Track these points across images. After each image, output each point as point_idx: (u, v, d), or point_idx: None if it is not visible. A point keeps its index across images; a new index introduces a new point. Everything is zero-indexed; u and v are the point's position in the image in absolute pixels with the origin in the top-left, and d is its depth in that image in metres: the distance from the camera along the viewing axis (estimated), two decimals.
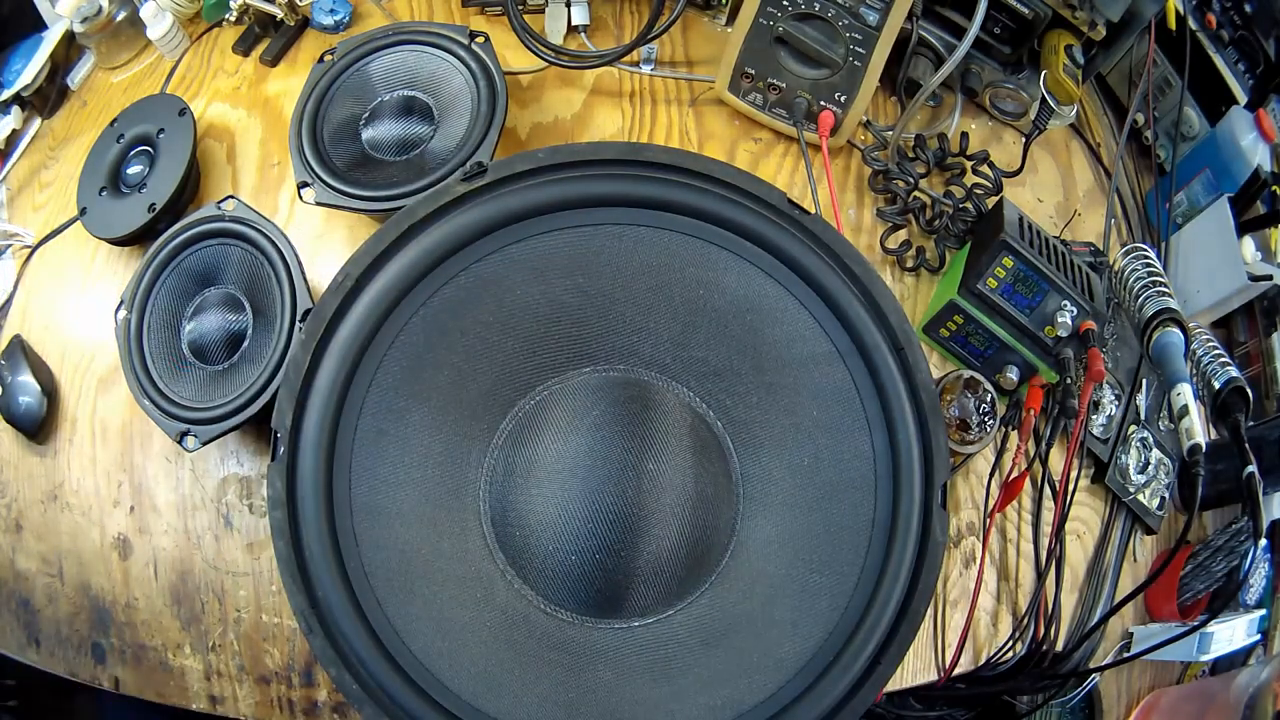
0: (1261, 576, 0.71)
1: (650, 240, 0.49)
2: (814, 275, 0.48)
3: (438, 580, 0.46)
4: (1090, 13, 0.69)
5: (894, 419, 0.48)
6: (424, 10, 0.77)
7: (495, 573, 0.49)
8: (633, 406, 0.51)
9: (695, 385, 0.52)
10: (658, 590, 0.49)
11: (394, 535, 0.46)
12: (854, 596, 0.46)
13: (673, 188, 0.48)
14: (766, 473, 0.51)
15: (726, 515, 0.51)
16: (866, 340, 0.48)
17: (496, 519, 0.49)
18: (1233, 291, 0.73)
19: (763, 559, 0.50)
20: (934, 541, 0.46)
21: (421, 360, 0.47)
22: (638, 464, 0.49)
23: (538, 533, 0.49)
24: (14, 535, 0.64)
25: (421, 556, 0.46)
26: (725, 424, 0.52)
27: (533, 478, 0.49)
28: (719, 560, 0.50)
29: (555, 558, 0.48)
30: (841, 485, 0.49)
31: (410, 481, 0.47)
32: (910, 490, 0.47)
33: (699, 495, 0.50)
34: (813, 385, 0.50)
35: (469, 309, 0.48)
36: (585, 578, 0.48)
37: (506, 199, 0.47)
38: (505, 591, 0.48)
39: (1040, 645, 0.64)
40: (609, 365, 0.52)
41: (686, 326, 0.51)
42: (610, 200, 0.48)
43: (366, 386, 0.46)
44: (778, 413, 0.51)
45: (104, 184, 0.66)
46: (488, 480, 0.50)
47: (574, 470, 0.49)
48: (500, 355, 0.50)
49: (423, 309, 0.47)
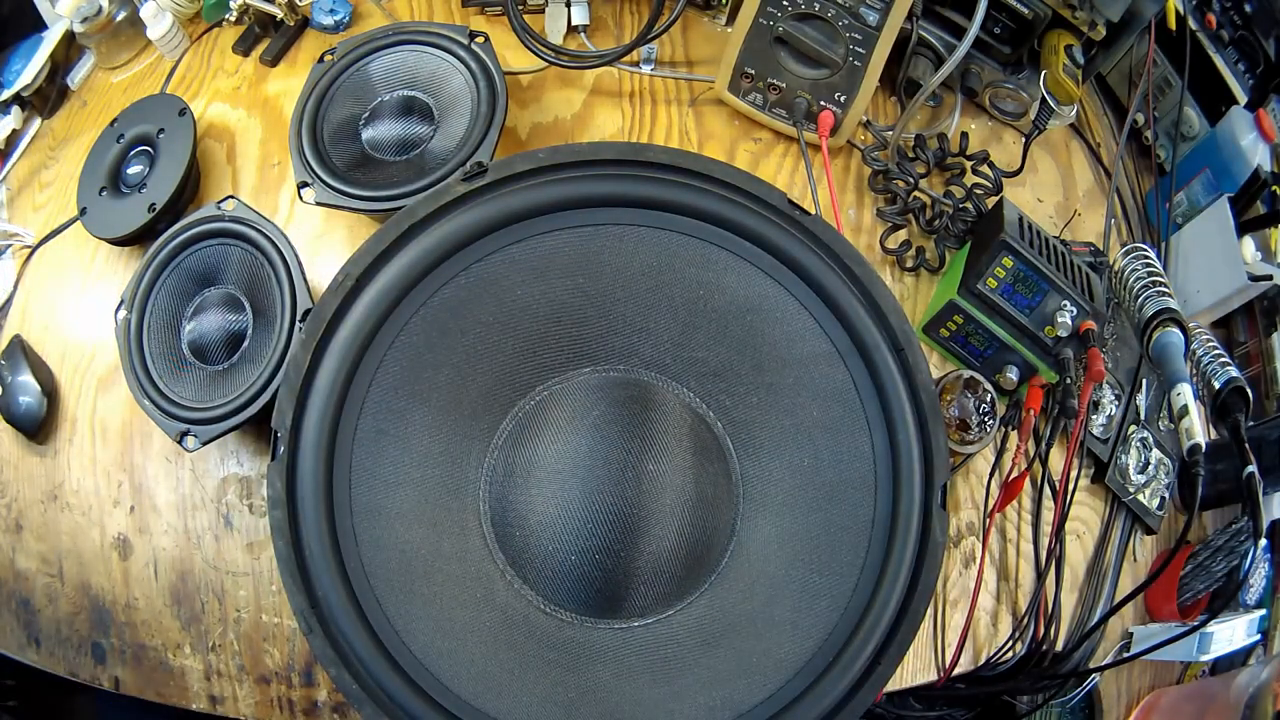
0: (1261, 576, 0.71)
1: (651, 240, 0.49)
2: (814, 275, 0.49)
3: (438, 580, 0.46)
4: (1090, 13, 0.69)
5: (894, 419, 0.48)
6: (424, 10, 0.77)
7: (495, 573, 0.49)
8: (633, 407, 0.51)
9: (695, 386, 0.52)
10: (657, 591, 0.49)
11: (394, 535, 0.46)
12: (854, 597, 0.46)
13: (673, 188, 0.48)
14: (766, 473, 0.51)
15: (726, 516, 0.51)
16: (866, 340, 0.48)
17: (497, 519, 0.49)
18: (1233, 291, 0.73)
19: (763, 559, 0.50)
20: (934, 541, 0.46)
21: (421, 360, 0.47)
22: (638, 464, 0.49)
23: (538, 533, 0.49)
24: (14, 535, 0.64)
25: (421, 556, 0.46)
26: (725, 424, 0.52)
27: (533, 478, 0.49)
28: (719, 561, 0.50)
29: (555, 558, 0.48)
30: (841, 485, 0.49)
31: (410, 481, 0.47)
32: (910, 490, 0.47)
33: (699, 496, 0.50)
34: (813, 386, 0.50)
35: (469, 309, 0.48)
36: (585, 578, 0.48)
37: (507, 199, 0.47)
38: (505, 591, 0.48)
39: (1040, 645, 0.64)
40: (609, 365, 0.52)
41: (686, 327, 0.51)
42: (611, 200, 0.48)
43: (367, 386, 0.46)
44: (778, 413, 0.51)
45: (104, 184, 0.66)
46: (488, 480, 0.50)
47: (574, 470, 0.49)
48: (500, 355, 0.50)
49: (423, 309, 0.47)
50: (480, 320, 0.49)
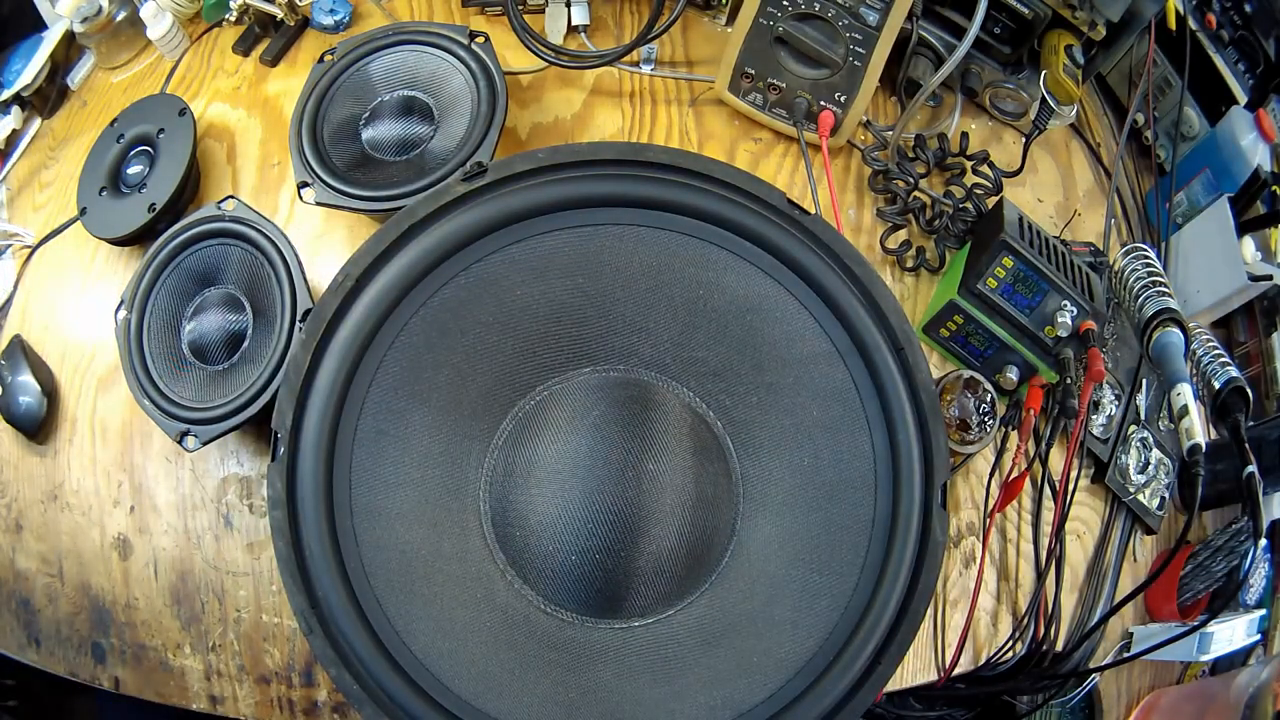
0: (1261, 576, 0.71)
1: (650, 240, 0.49)
2: (814, 275, 0.49)
3: (438, 580, 0.46)
4: (1090, 13, 0.69)
5: (894, 418, 0.48)
6: (424, 10, 0.77)
7: (496, 573, 0.49)
8: (633, 407, 0.51)
9: (695, 385, 0.52)
10: (658, 590, 0.49)
11: (394, 535, 0.46)
12: (854, 596, 0.46)
13: (673, 188, 0.48)
14: (766, 473, 0.51)
15: (726, 515, 0.51)
16: (866, 340, 0.48)
17: (497, 519, 0.49)
18: (1233, 291, 0.73)
19: (763, 559, 0.50)
20: (934, 541, 0.46)
21: (421, 360, 0.47)
22: (638, 464, 0.49)
23: (538, 533, 0.49)
24: (14, 535, 0.64)
25: (421, 557, 0.46)
26: (725, 424, 0.52)
27: (533, 478, 0.49)
28: (719, 560, 0.50)
29: (556, 558, 0.48)
30: (841, 485, 0.49)
31: (410, 481, 0.47)
32: (910, 490, 0.47)
33: (699, 496, 0.50)
34: (813, 385, 0.50)
35: (469, 309, 0.48)
36: (585, 578, 0.48)
37: (507, 199, 0.47)
38: (506, 592, 0.48)
39: (1040, 645, 0.64)
40: (609, 365, 0.52)
41: (686, 327, 0.51)
42: (610, 200, 0.48)
43: (367, 386, 0.46)
44: (778, 413, 0.51)
45: (104, 184, 0.66)
46: (488, 480, 0.50)
47: (574, 470, 0.49)
48: (500, 355, 0.50)
49: (423, 309, 0.47)
50: (480, 320, 0.48)
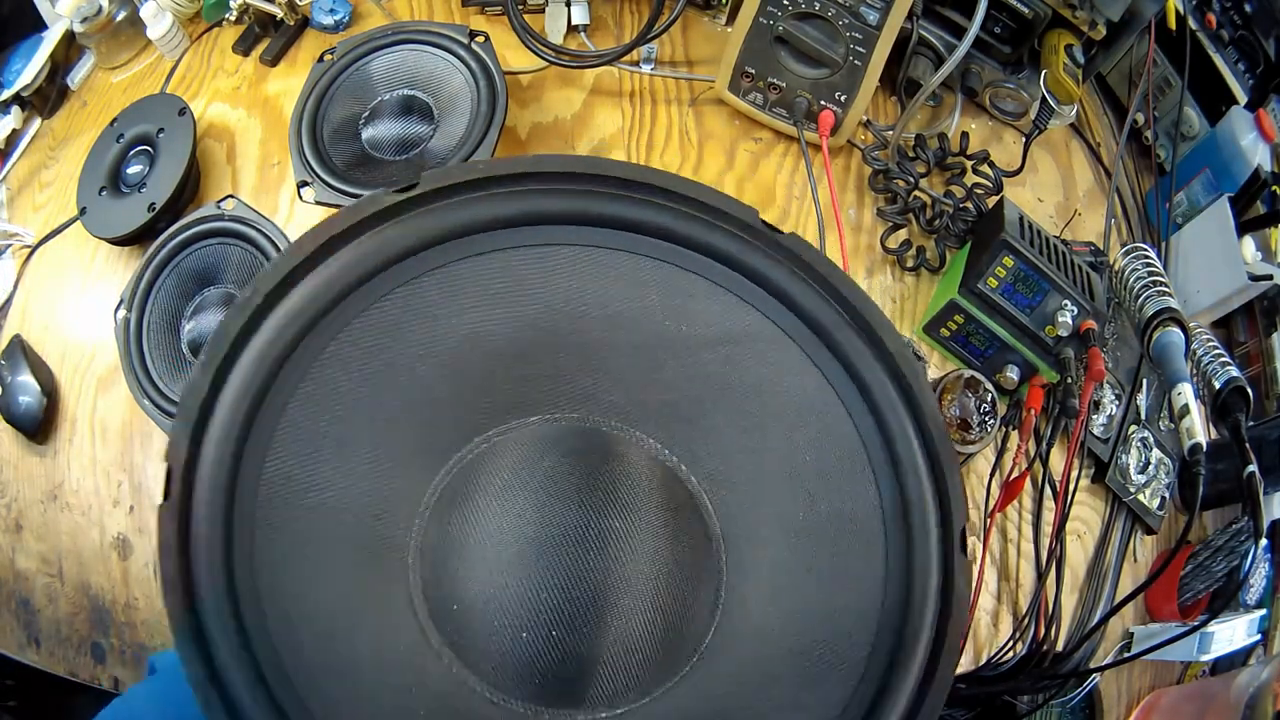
0: (1261, 576, 0.71)
1: (607, 264, 0.42)
2: (798, 300, 0.42)
3: (362, 665, 0.39)
4: (1090, 12, 0.69)
5: (900, 460, 0.41)
6: (424, 10, 0.77)
7: (430, 655, 0.40)
8: (590, 458, 0.44)
9: (662, 434, 0.44)
10: (629, 675, 0.41)
11: (304, 608, 0.38)
12: (868, 668, 0.39)
13: (633, 205, 0.42)
14: (752, 533, 0.44)
15: (708, 584, 0.43)
16: (861, 369, 0.42)
17: (430, 590, 0.41)
18: (1233, 291, 0.73)
19: (755, 635, 0.42)
20: (958, 594, 0.39)
21: (339, 396, 0.40)
22: (599, 522, 0.42)
23: (480, 606, 0.41)
24: (14, 535, 0.64)
25: (340, 633, 0.39)
26: (701, 479, 0.44)
27: (472, 540, 0.42)
28: (702, 637, 0.42)
29: (503, 636, 0.40)
30: (842, 543, 0.41)
31: (324, 539, 0.39)
32: (925, 540, 0.39)
33: (674, 560, 0.42)
34: (804, 426, 0.43)
35: (395, 340, 0.40)
36: (539, 659, 0.40)
37: (442, 213, 0.40)
38: (442, 678, 0.40)
39: (1040, 645, 0.64)
40: (559, 413, 0.44)
41: (652, 364, 0.43)
42: (561, 218, 0.41)
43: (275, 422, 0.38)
44: (762, 461, 0.43)
45: (104, 184, 0.66)
46: (418, 544, 0.42)
47: (521, 531, 0.42)
48: (432, 397, 0.42)
49: (339, 337, 0.39)
50: (408, 353, 0.41)
